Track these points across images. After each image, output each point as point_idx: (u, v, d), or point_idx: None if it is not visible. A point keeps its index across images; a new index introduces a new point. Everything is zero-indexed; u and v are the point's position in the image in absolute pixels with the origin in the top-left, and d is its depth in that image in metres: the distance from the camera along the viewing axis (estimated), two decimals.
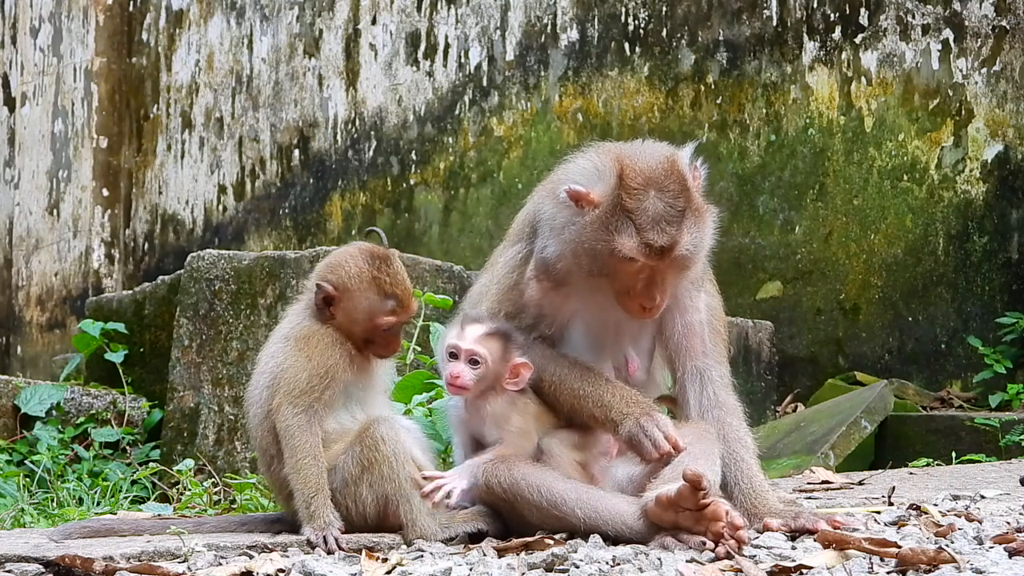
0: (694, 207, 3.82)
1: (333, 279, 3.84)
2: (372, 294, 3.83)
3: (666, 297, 3.84)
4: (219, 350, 6.80)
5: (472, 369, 3.87)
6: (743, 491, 3.91)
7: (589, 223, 3.78)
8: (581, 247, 3.81)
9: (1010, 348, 7.69)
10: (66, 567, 3.45)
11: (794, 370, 8.26)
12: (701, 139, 8.73)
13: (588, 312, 3.96)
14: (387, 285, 3.83)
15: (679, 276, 3.87)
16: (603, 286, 3.86)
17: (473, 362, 3.87)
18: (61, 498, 5.89)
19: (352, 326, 3.83)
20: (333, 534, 3.69)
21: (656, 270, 3.79)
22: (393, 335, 3.87)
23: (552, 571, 3.43)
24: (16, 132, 12.44)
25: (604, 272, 3.81)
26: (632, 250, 3.73)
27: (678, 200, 3.77)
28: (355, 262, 3.86)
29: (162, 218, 11.62)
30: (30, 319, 12.18)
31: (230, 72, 11.22)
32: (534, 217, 4.02)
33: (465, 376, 3.87)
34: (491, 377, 3.88)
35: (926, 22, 8.14)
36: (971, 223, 7.94)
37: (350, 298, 3.83)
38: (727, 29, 8.79)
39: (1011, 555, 3.40)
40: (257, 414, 3.87)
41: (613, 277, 3.81)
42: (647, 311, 3.83)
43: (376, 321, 3.83)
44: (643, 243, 3.73)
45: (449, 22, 10.00)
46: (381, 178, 10.29)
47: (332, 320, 3.84)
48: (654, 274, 3.79)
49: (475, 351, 3.87)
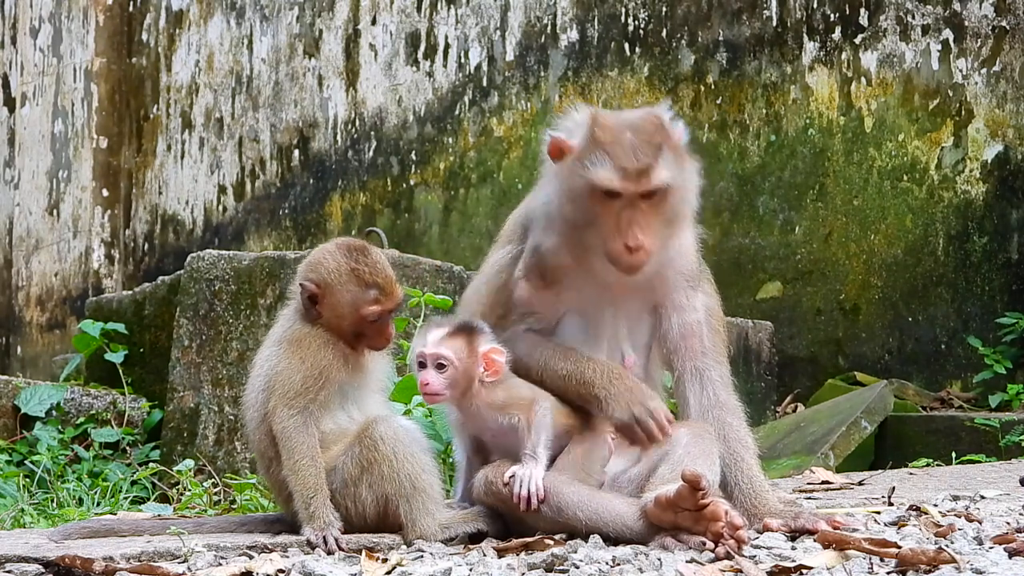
0: (672, 145, 3.82)
1: (314, 277, 3.85)
2: (353, 286, 3.83)
3: (653, 242, 3.75)
4: (219, 350, 6.80)
5: (440, 373, 3.82)
6: (743, 491, 3.90)
7: (568, 167, 3.79)
8: (564, 196, 3.80)
9: (1010, 348, 7.69)
10: (66, 567, 3.45)
11: (794, 370, 8.26)
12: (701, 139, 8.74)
13: (580, 309, 3.93)
14: (367, 275, 3.83)
15: (662, 216, 3.79)
16: (594, 267, 3.81)
17: (440, 366, 3.82)
18: (61, 498, 5.89)
19: (339, 321, 3.83)
20: (333, 534, 3.69)
21: (637, 207, 3.74)
22: (382, 325, 3.86)
23: (552, 571, 3.43)
24: (16, 132, 12.45)
25: (588, 219, 3.77)
26: (608, 179, 3.72)
27: (654, 137, 3.78)
28: (333, 257, 3.86)
29: (162, 218, 11.62)
30: (30, 319, 12.18)
31: (230, 72, 11.22)
32: (525, 217, 4.01)
33: (434, 382, 3.82)
34: (463, 376, 3.82)
35: (926, 22, 8.14)
36: (971, 223, 7.94)
37: (332, 293, 3.83)
38: (727, 29, 8.79)
39: (1011, 555, 3.40)
40: (254, 417, 3.87)
41: (596, 221, 3.76)
42: (634, 252, 3.74)
43: (361, 312, 3.82)
44: (618, 167, 3.72)
45: (449, 22, 10.01)
46: (381, 178, 10.29)
47: (320, 319, 3.84)
48: (635, 212, 3.74)
49: (439, 354, 3.82)
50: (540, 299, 3.93)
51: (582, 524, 3.71)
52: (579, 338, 3.94)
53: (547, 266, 3.91)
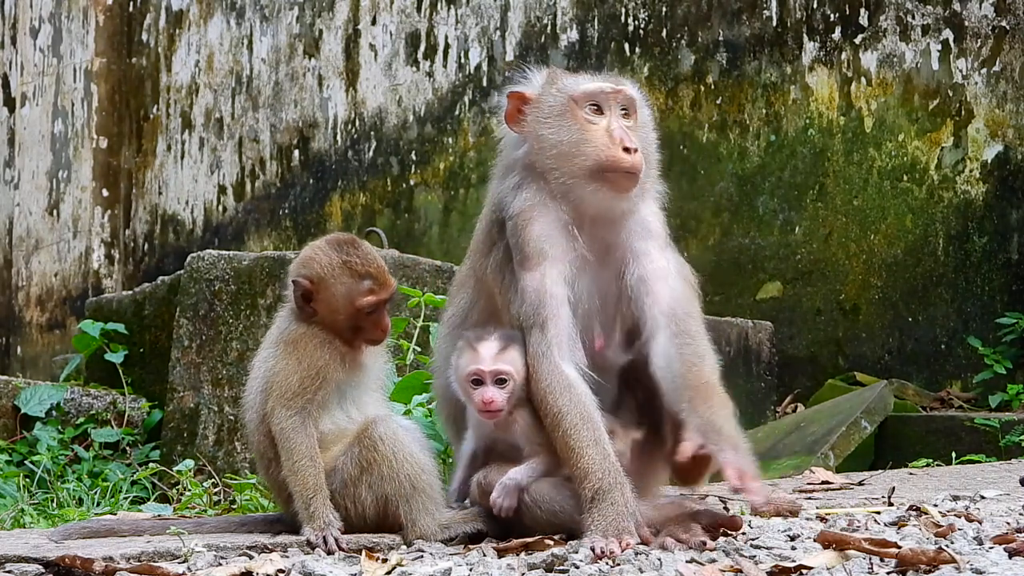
0: (632, 85, 3.95)
1: (306, 273, 3.85)
2: (347, 278, 3.83)
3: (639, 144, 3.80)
4: (219, 350, 6.80)
5: (501, 389, 3.78)
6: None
7: (535, 114, 3.89)
8: (544, 127, 3.84)
9: (1010, 348, 7.69)
10: (66, 567, 3.45)
11: (794, 370, 8.26)
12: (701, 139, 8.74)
13: (565, 288, 3.82)
14: (359, 266, 3.83)
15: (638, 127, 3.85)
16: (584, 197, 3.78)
17: (500, 381, 3.78)
18: (61, 499, 5.89)
19: (335, 316, 3.82)
20: (333, 534, 3.69)
21: (620, 121, 3.82)
22: (379, 316, 3.85)
23: (552, 571, 3.43)
24: (16, 132, 12.45)
25: (577, 137, 3.80)
26: (587, 92, 3.83)
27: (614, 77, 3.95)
28: (323, 252, 3.87)
29: (162, 218, 11.62)
30: (30, 319, 12.18)
31: (230, 72, 11.22)
32: (497, 204, 3.94)
33: (498, 399, 3.77)
34: (520, 389, 3.79)
35: (926, 22, 8.14)
36: (971, 223, 7.94)
37: (326, 288, 3.83)
38: (727, 29, 8.79)
39: (1011, 555, 3.40)
40: (253, 419, 3.88)
41: (586, 137, 3.79)
42: (632, 153, 3.76)
43: (357, 304, 3.81)
44: (596, 81, 3.89)
45: (449, 22, 10.01)
46: (381, 178, 10.29)
47: (315, 316, 3.84)
48: (622, 123, 3.81)
49: (500, 370, 3.77)
50: (529, 281, 3.81)
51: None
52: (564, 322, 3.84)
53: (528, 239, 3.81)
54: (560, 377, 3.74)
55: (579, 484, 3.66)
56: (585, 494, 3.64)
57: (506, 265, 3.87)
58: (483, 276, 3.94)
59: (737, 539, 3.70)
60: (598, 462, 3.66)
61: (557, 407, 3.71)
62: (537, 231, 3.82)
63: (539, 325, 3.77)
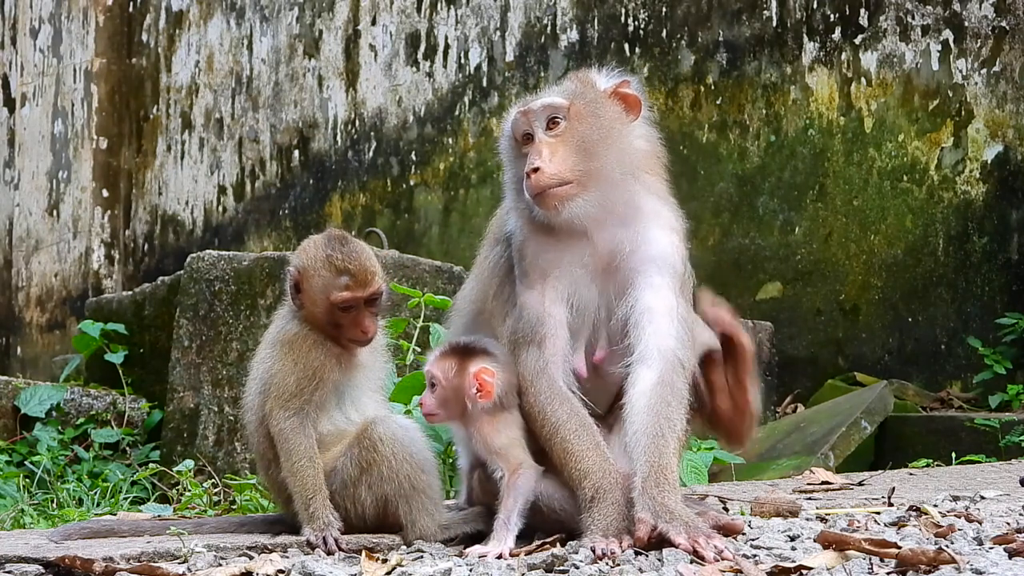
0: (587, 84, 4.08)
1: (296, 263, 3.90)
2: (325, 271, 3.84)
3: (561, 167, 3.80)
4: (219, 351, 6.80)
5: (431, 393, 3.81)
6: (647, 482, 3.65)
7: (502, 155, 4.03)
8: (504, 161, 3.98)
9: (1010, 349, 7.69)
10: (66, 568, 3.45)
11: (794, 370, 8.26)
12: (701, 140, 8.74)
13: (567, 300, 3.83)
14: (339, 262, 3.84)
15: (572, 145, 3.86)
16: (536, 219, 3.81)
17: (431, 384, 3.82)
18: (61, 499, 5.89)
19: (314, 308, 3.84)
20: (333, 535, 3.70)
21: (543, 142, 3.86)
22: (357, 315, 3.83)
23: (552, 571, 3.43)
24: (16, 133, 12.45)
25: (513, 179, 3.89)
26: (513, 124, 3.91)
27: (565, 81, 4.12)
28: (314, 245, 3.90)
29: (162, 219, 11.62)
30: (30, 320, 12.18)
31: (230, 73, 11.22)
32: (506, 213, 4.01)
33: (426, 400, 3.82)
34: (454, 396, 3.78)
35: (926, 23, 8.14)
36: (971, 224, 7.94)
37: (308, 280, 3.85)
38: (727, 30, 8.79)
39: (1011, 556, 3.40)
40: (252, 420, 3.89)
41: (516, 174, 3.89)
42: (531, 176, 3.79)
43: (331, 298, 3.81)
44: (514, 111, 3.95)
45: (449, 23, 10.01)
46: (381, 179, 10.29)
47: (303, 309, 3.85)
48: (540, 145, 3.85)
49: (429, 372, 3.83)
50: (528, 299, 3.85)
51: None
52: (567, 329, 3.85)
53: (525, 258, 3.86)
54: (558, 390, 3.78)
55: (578, 485, 3.67)
56: (585, 494, 3.65)
57: (507, 279, 3.91)
58: (487, 284, 3.98)
59: (737, 539, 3.70)
60: (598, 464, 3.68)
61: (556, 417, 3.74)
62: (534, 249, 3.86)
63: (537, 343, 3.80)
